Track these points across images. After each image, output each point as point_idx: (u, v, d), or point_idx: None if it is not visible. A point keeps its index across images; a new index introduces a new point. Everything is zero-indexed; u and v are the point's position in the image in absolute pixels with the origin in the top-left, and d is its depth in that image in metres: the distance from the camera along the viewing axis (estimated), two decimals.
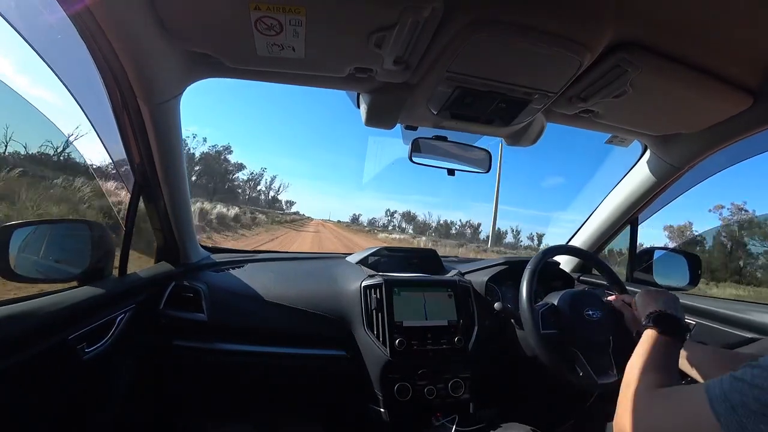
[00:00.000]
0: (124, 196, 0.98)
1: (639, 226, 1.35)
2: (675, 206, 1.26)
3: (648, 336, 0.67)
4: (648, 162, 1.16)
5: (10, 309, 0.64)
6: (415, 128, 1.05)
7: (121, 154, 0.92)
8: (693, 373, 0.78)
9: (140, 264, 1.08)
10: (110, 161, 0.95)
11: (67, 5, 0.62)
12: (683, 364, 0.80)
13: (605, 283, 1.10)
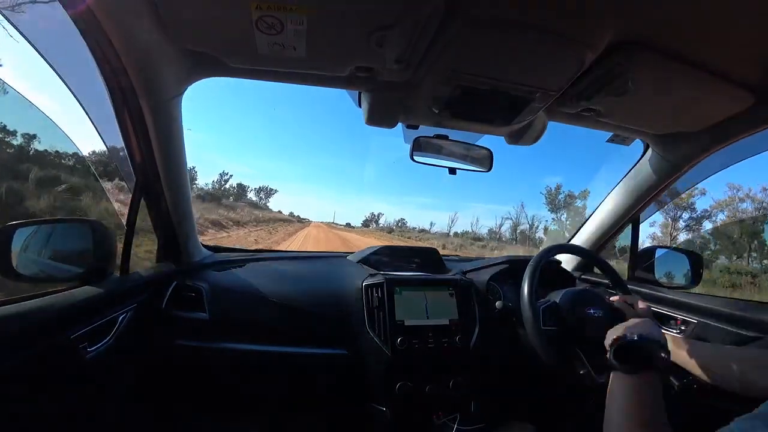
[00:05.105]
0: (126, 195, 0.98)
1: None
2: None
3: (615, 381, 0.56)
4: (649, 161, 1.16)
5: (13, 308, 0.64)
6: (416, 127, 1.05)
7: (122, 153, 0.93)
8: (697, 371, 0.78)
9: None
10: (112, 161, 0.96)
11: (68, 5, 0.62)
12: (686, 362, 0.80)
13: (606, 281, 1.10)
